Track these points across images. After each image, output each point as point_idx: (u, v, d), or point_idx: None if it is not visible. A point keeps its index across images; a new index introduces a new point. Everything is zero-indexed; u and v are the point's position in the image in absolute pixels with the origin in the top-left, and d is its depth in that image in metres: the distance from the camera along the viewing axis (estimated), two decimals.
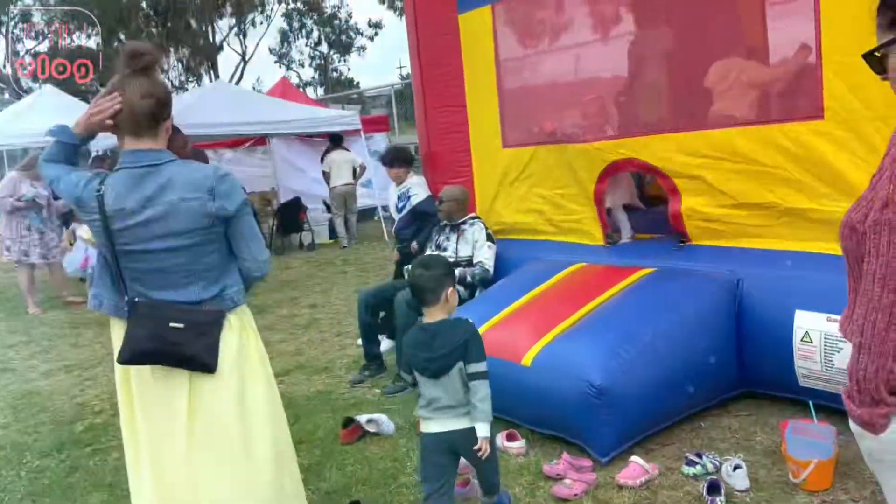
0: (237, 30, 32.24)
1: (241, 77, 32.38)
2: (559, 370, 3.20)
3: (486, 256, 4.47)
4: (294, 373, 4.90)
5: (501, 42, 4.87)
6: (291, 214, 11.35)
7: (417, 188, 5.23)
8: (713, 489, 2.73)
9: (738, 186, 3.71)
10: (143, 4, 28.78)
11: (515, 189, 4.89)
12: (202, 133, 9.44)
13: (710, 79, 3.90)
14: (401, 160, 5.33)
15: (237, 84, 26.60)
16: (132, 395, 2.24)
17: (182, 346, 2.08)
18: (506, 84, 4.94)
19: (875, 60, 1.44)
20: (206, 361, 2.12)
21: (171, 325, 2.08)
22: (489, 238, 4.55)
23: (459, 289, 3.78)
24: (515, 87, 5.01)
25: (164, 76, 25.19)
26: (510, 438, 3.33)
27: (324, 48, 36.61)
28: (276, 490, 2.26)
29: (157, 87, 2.13)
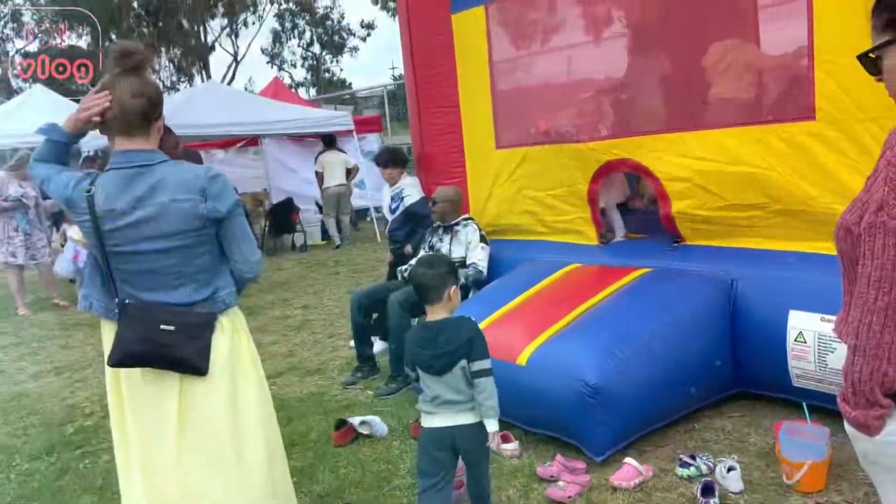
0: (229, 30, 32.15)
1: (233, 77, 32.30)
2: (554, 370, 3.20)
3: (480, 258, 4.46)
4: (286, 374, 4.88)
5: (495, 42, 4.86)
6: (283, 215, 11.32)
7: (411, 189, 5.22)
8: (707, 491, 2.73)
9: (730, 187, 3.72)
10: (135, 4, 28.66)
11: (509, 190, 4.88)
12: (194, 133, 9.41)
13: (709, 59, 3.92)
14: (395, 161, 5.32)
15: (229, 84, 26.52)
16: (123, 398, 2.22)
17: (173, 349, 2.07)
18: (499, 84, 4.93)
19: (870, 62, 1.44)
20: (197, 364, 2.10)
21: (162, 328, 2.06)
22: (483, 239, 4.54)
23: None
24: (509, 88, 5.00)
25: (156, 76, 25.07)
26: (504, 440, 3.30)
27: (316, 49, 36.53)
28: (268, 492, 2.24)
29: (148, 87, 2.11)
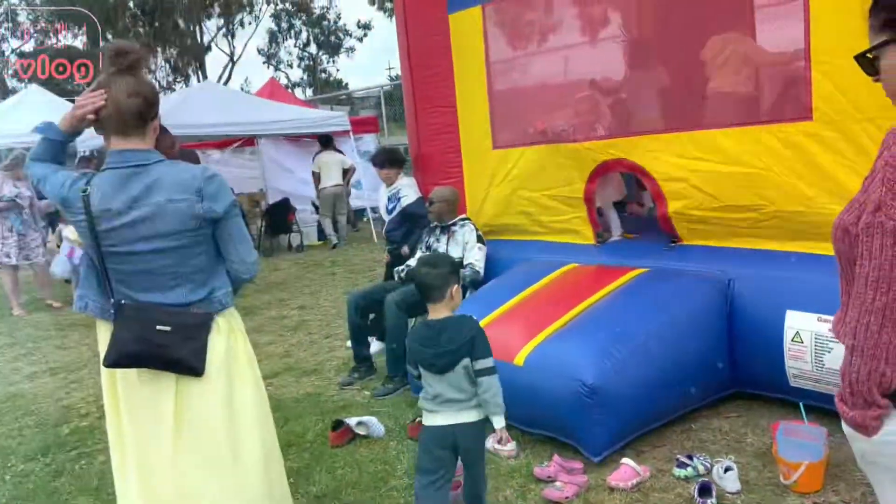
0: (225, 30, 32.10)
1: (230, 78, 32.26)
2: (552, 370, 3.20)
3: (477, 258, 4.45)
4: (283, 375, 4.87)
5: (492, 42, 4.86)
6: (280, 216, 11.30)
7: (407, 189, 5.21)
8: (704, 491, 2.73)
9: (726, 188, 3.71)
10: (131, 4, 28.59)
11: (505, 190, 4.87)
12: (190, 133, 9.38)
13: (707, 53, 3.93)
14: (392, 161, 5.32)
15: (225, 85, 26.47)
16: (118, 399, 2.21)
17: (169, 349, 2.06)
18: (496, 85, 4.93)
19: (867, 62, 1.44)
20: (194, 365, 2.09)
21: (158, 328, 2.05)
22: (479, 239, 4.53)
23: None
24: (506, 88, 5.00)
25: (152, 76, 25.04)
26: (501, 441, 3.31)
27: (312, 49, 36.51)
28: (264, 493, 2.24)
29: (144, 86, 2.10)
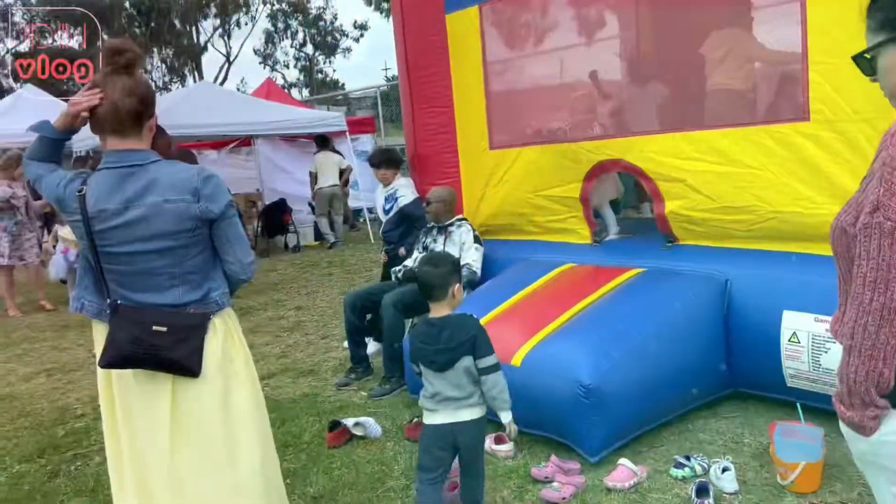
0: (221, 31, 32.08)
1: (226, 78, 32.27)
2: (549, 370, 3.19)
3: (474, 258, 4.45)
4: (279, 376, 4.85)
5: (489, 43, 4.86)
6: (276, 216, 11.29)
7: (404, 190, 5.20)
8: (702, 492, 2.73)
9: (723, 188, 3.72)
10: (127, 4, 28.54)
11: (502, 190, 4.87)
12: (186, 133, 9.35)
13: (707, 48, 3.93)
14: (389, 162, 5.31)
15: (221, 85, 26.44)
16: (114, 399, 2.20)
17: (165, 350, 2.04)
18: (493, 85, 4.93)
19: (865, 62, 1.44)
20: (190, 366, 2.08)
21: (154, 329, 2.04)
22: (476, 240, 4.53)
23: None
24: (503, 88, 5.00)
25: (148, 76, 24.95)
26: (498, 441, 3.31)
27: (309, 49, 36.50)
28: (260, 494, 2.23)
29: (141, 86, 2.09)
